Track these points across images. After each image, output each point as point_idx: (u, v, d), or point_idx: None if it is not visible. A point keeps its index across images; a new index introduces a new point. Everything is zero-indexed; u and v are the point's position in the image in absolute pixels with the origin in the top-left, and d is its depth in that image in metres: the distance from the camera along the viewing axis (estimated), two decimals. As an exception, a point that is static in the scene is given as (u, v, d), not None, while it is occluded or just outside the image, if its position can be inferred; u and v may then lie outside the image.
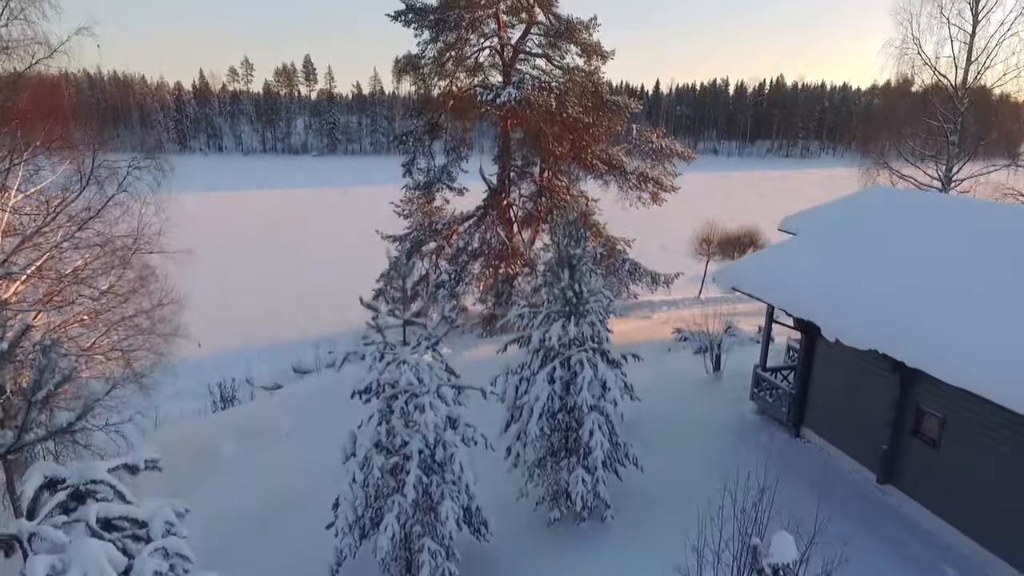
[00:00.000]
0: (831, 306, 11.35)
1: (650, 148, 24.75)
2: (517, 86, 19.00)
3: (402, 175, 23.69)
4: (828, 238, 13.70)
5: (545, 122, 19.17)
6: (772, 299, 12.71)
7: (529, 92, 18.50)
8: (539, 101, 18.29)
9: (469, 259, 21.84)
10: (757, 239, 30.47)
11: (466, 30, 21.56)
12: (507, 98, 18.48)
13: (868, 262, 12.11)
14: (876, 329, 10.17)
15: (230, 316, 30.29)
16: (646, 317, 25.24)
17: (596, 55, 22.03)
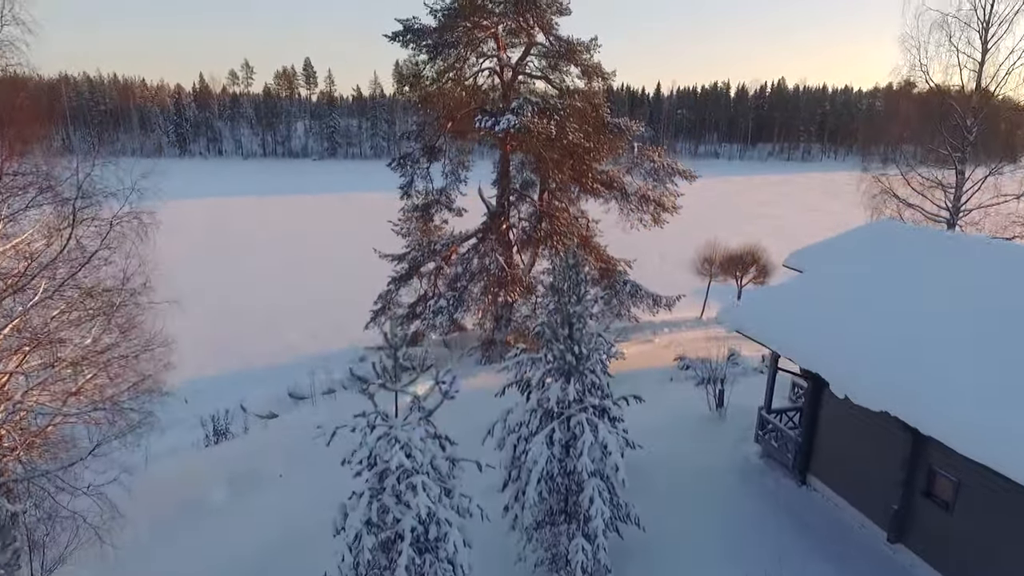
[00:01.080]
0: (839, 356, 10.98)
1: (651, 167, 24.39)
2: (516, 112, 18.63)
3: (399, 197, 23.34)
4: (835, 278, 13.33)
5: (545, 148, 18.82)
6: (777, 345, 12.33)
7: (528, 119, 18.13)
8: (539, 128, 17.92)
9: (468, 283, 21.47)
10: (760, 257, 30.11)
11: (465, 49, 21.23)
12: (506, 125, 18.12)
13: (878, 307, 11.74)
14: (888, 387, 9.79)
15: (226, 334, 29.97)
16: (648, 341, 24.86)
17: (597, 76, 21.67)
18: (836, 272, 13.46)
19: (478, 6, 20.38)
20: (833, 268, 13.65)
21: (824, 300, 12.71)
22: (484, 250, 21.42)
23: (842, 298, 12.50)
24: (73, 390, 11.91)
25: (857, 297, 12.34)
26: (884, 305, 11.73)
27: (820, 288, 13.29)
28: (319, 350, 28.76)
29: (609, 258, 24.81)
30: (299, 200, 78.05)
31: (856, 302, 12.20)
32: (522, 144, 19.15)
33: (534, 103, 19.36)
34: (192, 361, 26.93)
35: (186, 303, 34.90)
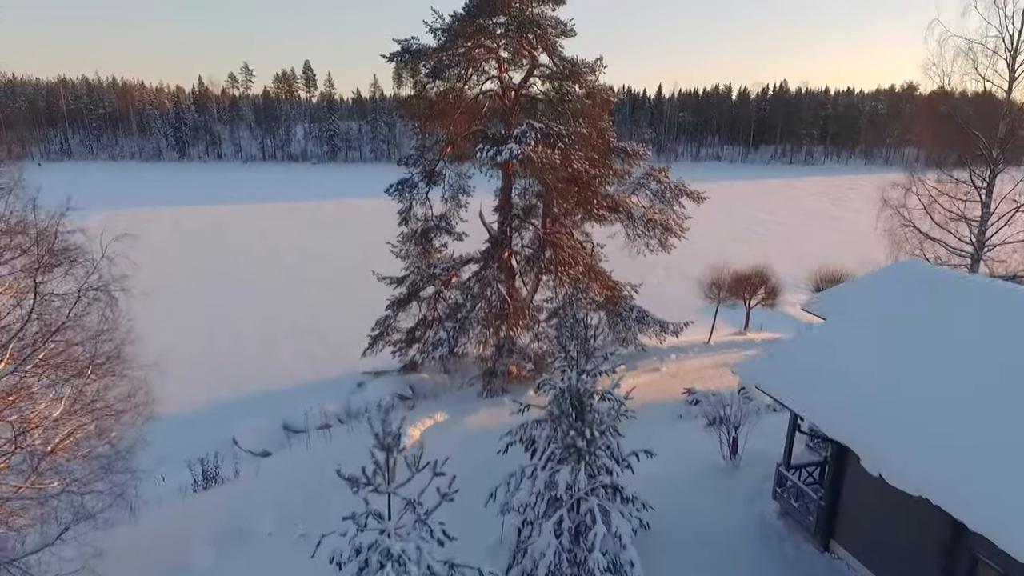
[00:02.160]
0: (870, 425, 10.16)
1: (658, 188, 23.56)
2: (519, 139, 17.81)
3: (398, 223, 22.53)
4: (861, 328, 12.49)
5: (550, 177, 18.01)
6: (801, 408, 11.49)
7: (532, 148, 17.30)
8: (543, 158, 17.10)
9: (468, 313, 20.66)
10: (768, 278, 29.28)
11: (465, 70, 20.42)
12: (508, 156, 17.28)
13: (911, 365, 10.92)
14: (928, 469, 8.98)
15: (221, 355, 29.21)
16: (654, 370, 24.03)
17: (602, 98, 20.83)
18: (862, 322, 12.62)
19: (479, 27, 19.58)
20: (858, 316, 12.81)
21: (850, 355, 11.88)
22: (485, 279, 20.60)
23: (870, 353, 11.68)
24: (49, 447, 11.12)
25: (887, 352, 11.52)
26: (917, 363, 10.91)
27: (845, 340, 12.45)
28: (316, 374, 27.99)
29: (615, 283, 24.00)
30: (298, 207, 77.19)
31: (886, 358, 11.38)
32: (525, 170, 18.34)
33: (537, 129, 18.53)
34: (185, 386, 26.29)
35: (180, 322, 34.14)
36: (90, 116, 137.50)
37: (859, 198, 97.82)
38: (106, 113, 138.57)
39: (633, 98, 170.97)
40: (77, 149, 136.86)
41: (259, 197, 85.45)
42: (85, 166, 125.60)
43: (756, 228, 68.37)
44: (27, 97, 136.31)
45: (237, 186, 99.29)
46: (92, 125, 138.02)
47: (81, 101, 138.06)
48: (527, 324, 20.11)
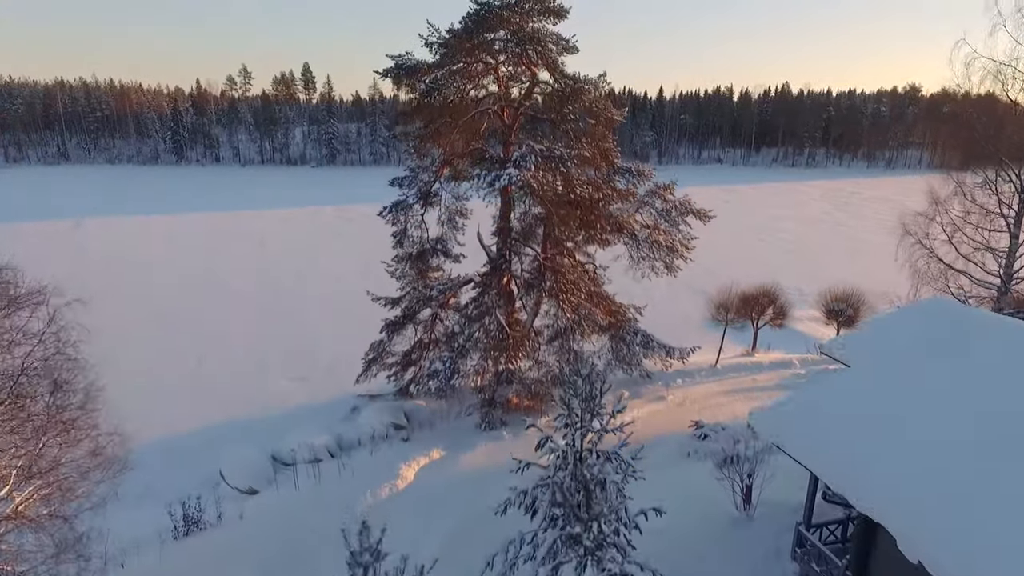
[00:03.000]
0: (906, 498, 9.20)
1: (663, 207, 22.59)
2: (518, 163, 16.86)
3: (392, 247, 21.57)
4: (890, 378, 11.52)
5: (551, 203, 17.06)
6: (826, 473, 10.53)
7: (532, 174, 16.34)
8: (543, 184, 16.14)
9: (466, 343, 19.71)
10: (776, 297, 28.29)
11: (463, 87, 19.47)
12: (507, 182, 16.32)
13: (948, 424, 9.95)
14: (976, 557, 8.01)
15: (210, 376, 28.19)
16: (660, 398, 23.06)
17: (606, 117, 19.87)
18: (890, 371, 11.65)
19: (478, 43, 18.63)
20: (886, 365, 11.83)
21: (880, 411, 10.92)
22: (484, 306, 19.63)
23: (902, 409, 10.70)
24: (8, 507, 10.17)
25: (921, 409, 10.54)
26: (957, 422, 9.94)
27: (873, 392, 11.48)
28: (309, 397, 27.02)
29: (618, 306, 23.04)
30: (296, 215, 76.22)
31: (921, 416, 10.40)
32: (525, 196, 17.39)
33: (538, 152, 17.56)
34: (173, 410, 25.30)
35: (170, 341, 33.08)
36: (87, 119, 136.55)
37: (862, 202, 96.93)
38: (103, 116, 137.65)
39: (634, 100, 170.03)
40: (74, 152, 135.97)
41: (256, 203, 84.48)
42: (81, 169, 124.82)
43: (760, 236, 67.38)
44: (24, 100, 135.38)
45: (234, 191, 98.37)
46: (89, 128, 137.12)
47: (78, 104, 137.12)
48: (527, 354, 19.15)
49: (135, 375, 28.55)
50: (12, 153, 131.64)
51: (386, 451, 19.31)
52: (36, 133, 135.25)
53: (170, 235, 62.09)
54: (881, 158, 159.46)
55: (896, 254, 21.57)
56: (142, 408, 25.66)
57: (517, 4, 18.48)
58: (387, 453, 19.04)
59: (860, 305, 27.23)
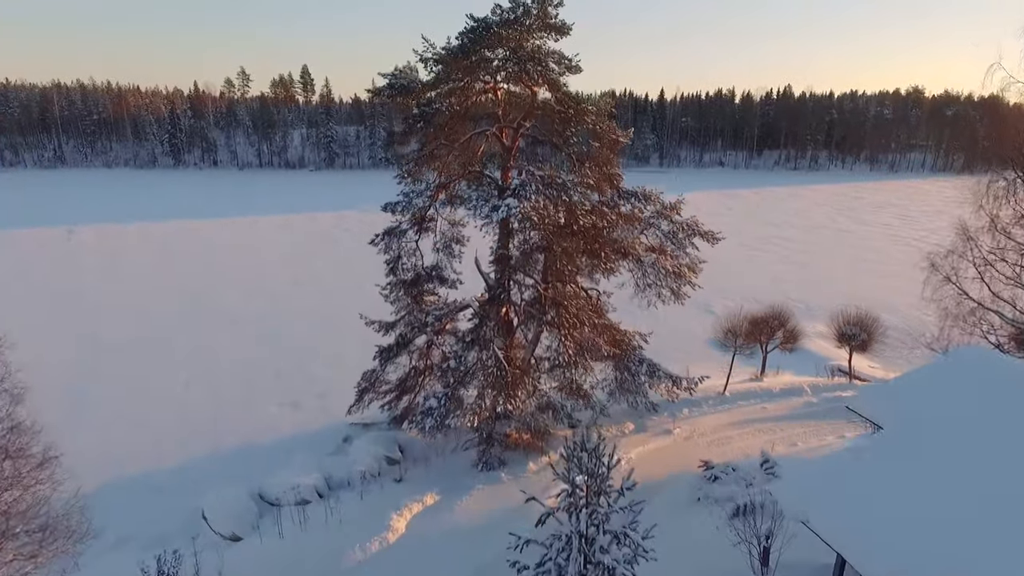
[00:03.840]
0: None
1: (669, 228, 21.48)
2: (518, 192, 15.76)
3: (385, 274, 20.48)
4: (926, 445, 10.44)
5: (553, 235, 15.98)
6: (859, 561, 9.41)
7: (532, 205, 15.24)
8: (545, 214, 15.05)
9: (463, 376, 18.62)
10: (786, 320, 27.18)
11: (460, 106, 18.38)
12: (505, 214, 15.22)
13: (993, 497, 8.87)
14: None
15: (198, 404, 27.08)
16: (666, 431, 21.97)
17: (610, 139, 18.77)
18: (928, 435, 10.56)
19: (475, 61, 17.53)
20: (922, 428, 10.74)
21: (917, 485, 9.82)
22: (482, 339, 18.53)
23: (942, 484, 9.62)
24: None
25: (961, 484, 9.47)
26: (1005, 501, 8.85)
27: (909, 462, 10.39)
28: (300, 425, 25.94)
29: (622, 334, 21.95)
30: (292, 221, 75.16)
31: (961, 493, 9.32)
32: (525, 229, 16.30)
33: (538, 179, 16.46)
34: (157, 441, 24.18)
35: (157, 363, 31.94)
36: (84, 122, 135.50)
37: (866, 208, 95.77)
38: (100, 119, 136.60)
39: (635, 102, 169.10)
40: (71, 156, 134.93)
41: (252, 209, 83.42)
42: (78, 173, 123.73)
43: (763, 244, 66.27)
44: (20, 102, 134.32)
45: (231, 197, 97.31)
46: (86, 131, 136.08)
47: (75, 107, 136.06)
48: (527, 391, 18.06)
49: (121, 401, 27.54)
50: (8, 157, 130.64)
51: (377, 495, 18.22)
52: (32, 136, 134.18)
53: (163, 244, 61.02)
54: (884, 161, 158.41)
55: (923, 291, 20.43)
56: (127, 439, 24.67)
57: (516, 20, 17.38)
58: (378, 497, 17.95)
59: (874, 329, 26.10)
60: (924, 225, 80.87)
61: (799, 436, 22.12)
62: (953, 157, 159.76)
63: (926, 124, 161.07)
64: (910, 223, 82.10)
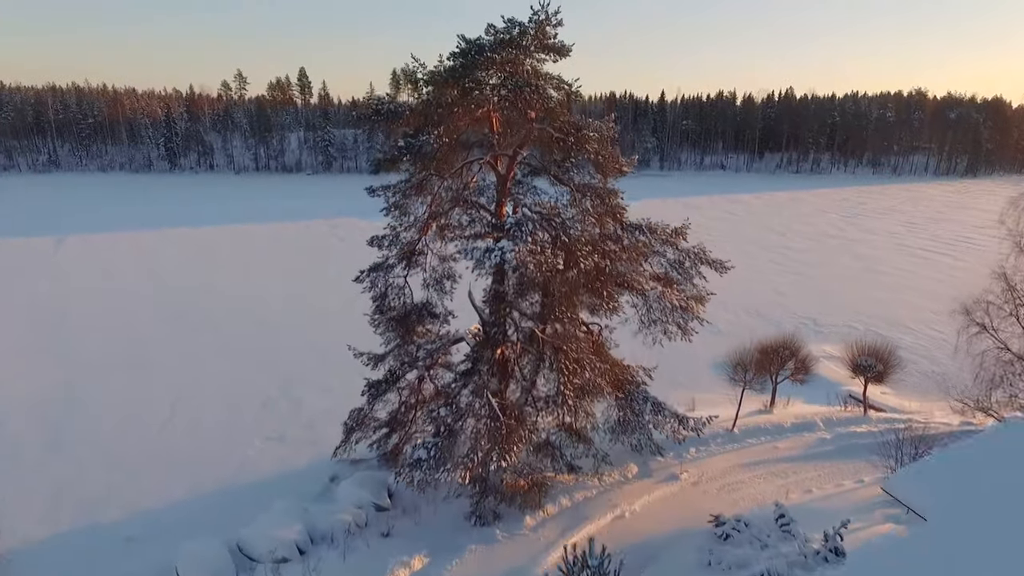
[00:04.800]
0: None
1: (675, 256, 20.10)
2: (513, 233, 14.39)
3: (372, 312, 19.11)
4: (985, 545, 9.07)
5: (551, 280, 14.64)
6: None
7: (529, 249, 13.86)
8: (542, 259, 13.68)
9: (455, 423, 17.23)
10: (798, 349, 25.83)
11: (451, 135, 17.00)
12: (498, 259, 13.85)
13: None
14: None
15: (177, 443, 25.55)
16: (672, 477, 20.62)
17: (614, 168, 17.40)
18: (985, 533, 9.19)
19: (467, 86, 16.16)
20: (977, 522, 9.37)
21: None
22: (475, 386, 17.17)
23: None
24: None
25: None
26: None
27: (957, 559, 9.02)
28: (285, 461, 24.57)
29: (625, 369, 20.58)
30: (287, 230, 73.85)
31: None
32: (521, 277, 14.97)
33: (535, 217, 15.09)
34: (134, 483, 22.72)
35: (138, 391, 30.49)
36: (79, 125, 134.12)
37: (871, 214, 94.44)
38: (95, 122, 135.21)
39: (635, 104, 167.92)
40: (66, 159, 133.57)
41: (247, 216, 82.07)
42: (72, 178, 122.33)
43: (767, 254, 64.96)
44: (14, 106, 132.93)
45: (225, 202, 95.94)
46: (81, 134, 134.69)
47: (70, 110, 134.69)
48: (524, 443, 16.69)
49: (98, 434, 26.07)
50: (2, 161, 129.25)
51: (362, 553, 16.88)
52: (27, 139, 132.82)
53: (153, 255, 59.66)
54: (887, 164, 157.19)
55: (956, 343, 19.06)
56: (103, 479, 23.08)
57: (511, 41, 16.01)
58: (363, 558, 16.62)
59: (890, 360, 24.75)
60: (930, 232, 79.59)
61: (814, 480, 20.79)
62: (956, 160, 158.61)
63: (929, 126, 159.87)
64: (915, 231, 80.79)
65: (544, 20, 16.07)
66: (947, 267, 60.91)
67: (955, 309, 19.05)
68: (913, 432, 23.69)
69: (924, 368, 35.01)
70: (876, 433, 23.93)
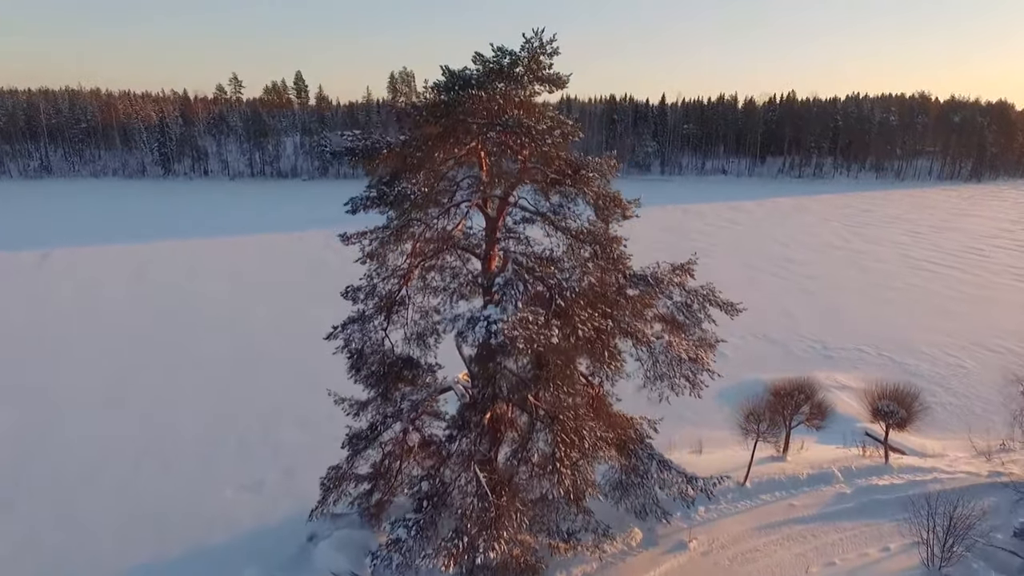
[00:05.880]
0: None
1: (683, 299, 18.27)
2: (501, 298, 12.57)
3: (347, 369, 17.25)
4: None
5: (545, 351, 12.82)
6: None
7: (520, 318, 12.01)
8: (533, 331, 11.82)
9: (438, 500, 15.42)
10: (813, 392, 24.02)
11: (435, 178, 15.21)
12: (483, 334, 11.95)
13: None
14: None
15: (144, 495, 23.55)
16: (680, 545, 18.82)
17: (616, 208, 15.60)
18: None
19: (451, 124, 14.36)
20: None
21: None
22: (460, 456, 15.33)
23: None
24: None
25: None
26: None
27: None
28: (260, 515, 22.68)
29: (627, 422, 18.78)
30: (278, 241, 72.05)
31: None
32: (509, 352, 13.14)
33: (527, 278, 13.26)
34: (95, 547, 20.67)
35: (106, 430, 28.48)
36: (71, 130, 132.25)
37: (877, 223, 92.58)
38: (88, 127, 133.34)
39: (635, 108, 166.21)
40: (58, 165, 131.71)
41: (239, 226, 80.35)
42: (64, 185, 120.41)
43: (771, 267, 63.17)
44: (5, 110, 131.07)
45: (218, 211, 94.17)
46: (74, 139, 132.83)
47: (62, 115, 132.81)
48: (515, 525, 14.85)
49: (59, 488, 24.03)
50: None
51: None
52: (18, 144, 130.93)
53: (139, 271, 57.80)
54: (890, 168, 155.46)
55: (1000, 396, 17.27)
56: (59, 544, 20.78)
57: (502, 72, 14.18)
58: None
59: (913, 405, 22.94)
60: (936, 243, 77.91)
61: (835, 547, 18.97)
62: (960, 164, 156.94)
63: (932, 130, 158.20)
64: (921, 241, 79.10)
65: (538, 49, 14.25)
66: (956, 281, 59.23)
67: (1010, 378, 17.21)
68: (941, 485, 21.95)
69: (941, 399, 33.25)
70: (899, 486, 22.17)
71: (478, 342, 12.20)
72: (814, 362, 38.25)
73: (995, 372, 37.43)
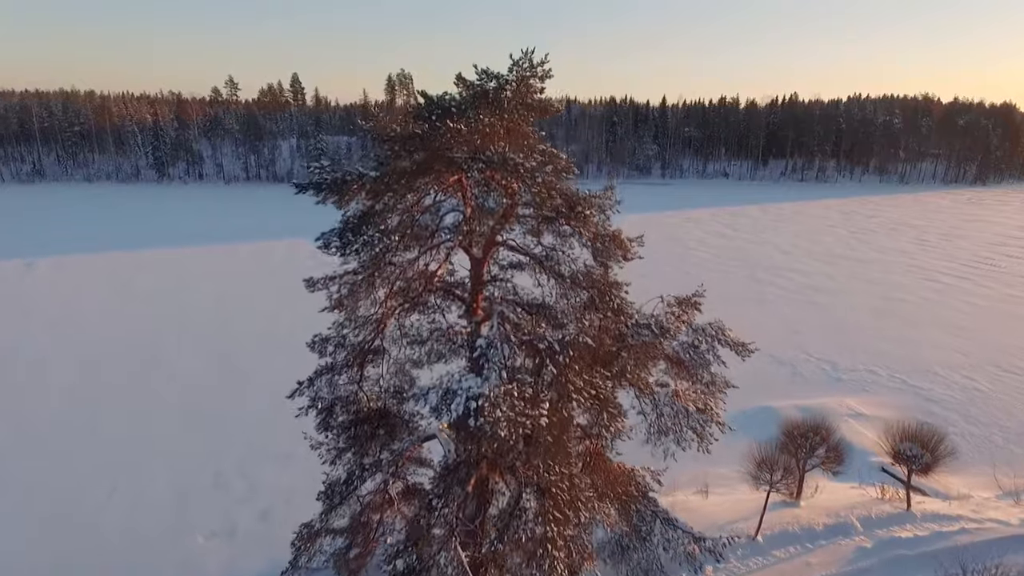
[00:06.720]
0: None
1: (689, 338, 16.51)
2: (483, 366, 10.83)
3: (316, 427, 15.50)
4: None
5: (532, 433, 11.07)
6: None
7: (505, 390, 10.28)
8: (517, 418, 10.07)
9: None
10: (830, 434, 22.24)
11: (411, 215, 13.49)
12: (458, 412, 10.17)
13: None
14: None
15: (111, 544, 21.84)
16: (688, 614, 16.98)
17: (617, 249, 13.84)
18: None
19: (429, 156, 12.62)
20: None
21: None
22: (439, 524, 13.59)
23: None
24: None
25: None
26: None
27: None
28: (230, 568, 21.05)
29: (628, 474, 17.04)
30: (273, 249, 70.25)
31: None
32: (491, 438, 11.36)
33: (513, 337, 11.51)
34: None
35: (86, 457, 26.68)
36: (65, 133, 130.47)
37: (882, 230, 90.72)
38: (82, 130, 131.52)
39: (636, 110, 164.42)
40: (51, 169, 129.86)
41: (231, 234, 78.49)
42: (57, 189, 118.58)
43: (774, 278, 61.35)
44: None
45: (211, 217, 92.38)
46: (67, 143, 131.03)
47: (56, 118, 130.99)
48: (502, 611, 13.14)
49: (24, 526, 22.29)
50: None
51: None
52: (11, 147, 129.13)
53: (126, 283, 56.01)
54: (894, 171, 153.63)
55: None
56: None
57: (486, 98, 12.44)
58: None
59: (938, 448, 21.18)
60: (945, 252, 76.06)
61: (858, 616, 17.22)
62: (965, 167, 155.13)
63: (936, 133, 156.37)
64: (929, 250, 77.26)
65: (528, 72, 12.52)
66: (968, 293, 57.45)
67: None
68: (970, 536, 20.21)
69: (961, 428, 31.53)
70: (924, 539, 20.42)
71: (454, 419, 10.43)
72: (823, 385, 36.53)
73: (1013, 396, 35.74)
